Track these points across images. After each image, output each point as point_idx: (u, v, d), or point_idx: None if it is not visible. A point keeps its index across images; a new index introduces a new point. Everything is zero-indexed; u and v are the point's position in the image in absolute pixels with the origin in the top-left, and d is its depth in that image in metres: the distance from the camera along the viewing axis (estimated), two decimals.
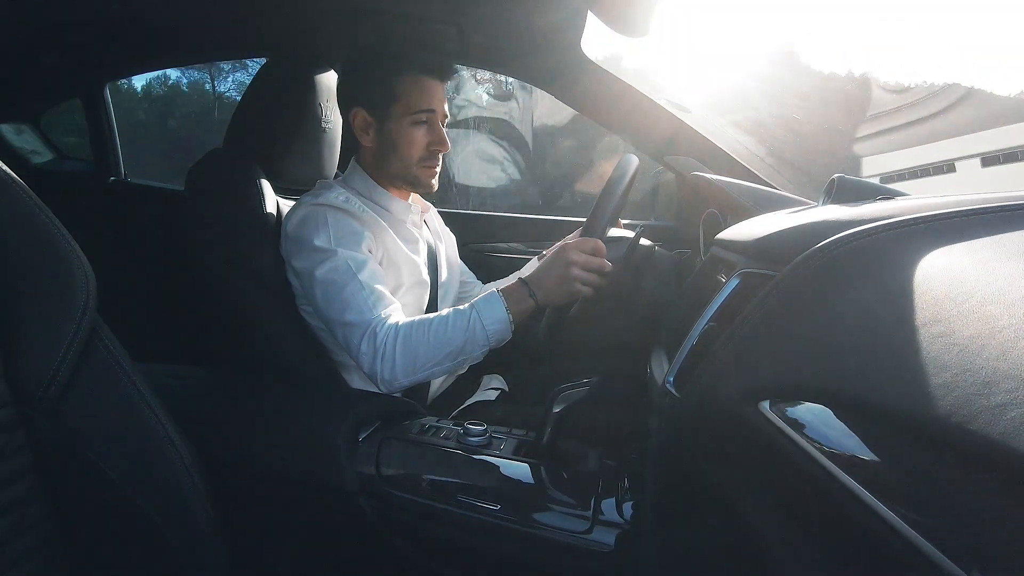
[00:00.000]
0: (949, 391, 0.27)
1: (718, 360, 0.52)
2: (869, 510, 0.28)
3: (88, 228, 0.81)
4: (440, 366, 0.87)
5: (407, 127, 0.99)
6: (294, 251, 0.94)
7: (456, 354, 0.87)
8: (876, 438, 0.31)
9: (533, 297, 0.88)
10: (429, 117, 0.99)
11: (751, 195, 1.20)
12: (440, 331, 0.86)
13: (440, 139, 1.00)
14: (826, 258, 0.47)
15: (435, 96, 0.99)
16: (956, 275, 0.37)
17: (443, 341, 0.86)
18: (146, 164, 2.02)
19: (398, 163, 1.01)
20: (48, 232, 0.53)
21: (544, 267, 0.89)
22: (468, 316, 0.87)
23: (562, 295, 0.88)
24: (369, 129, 1.01)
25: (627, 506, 0.71)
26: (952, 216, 0.46)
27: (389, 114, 0.98)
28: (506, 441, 0.80)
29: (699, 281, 0.87)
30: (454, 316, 0.87)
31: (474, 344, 0.87)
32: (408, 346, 0.85)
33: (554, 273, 0.88)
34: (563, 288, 0.87)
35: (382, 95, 0.98)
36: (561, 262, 0.87)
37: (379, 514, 0.76)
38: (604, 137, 2.11)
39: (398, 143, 0.99)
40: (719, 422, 0.51)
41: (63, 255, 0.54)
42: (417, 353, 0.86)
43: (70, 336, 0.53)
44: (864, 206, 0.63)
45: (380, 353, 0.85)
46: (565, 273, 0.86)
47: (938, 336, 0.32)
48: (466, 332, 0.86)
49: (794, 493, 0.39)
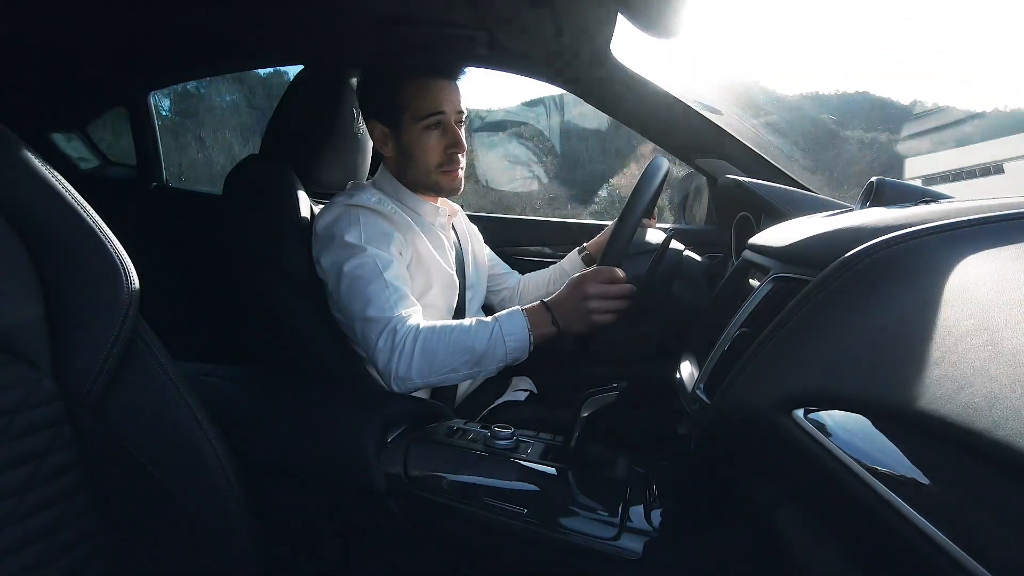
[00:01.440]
0: (995, 402, 0.26)
1: (750, 367, 0.51)
2: (910, 525, 0.27)
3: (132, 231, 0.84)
4: (456, 373, 0.88)
5: (419, 133, 0.98)
6: (324, 248, 0.96)
7: (473, 363, 0.87)
8: (918, 450, 0.30)
9: (556, 324, 0.88)
10: (440, 120, 0.98)
11: (785, 198, 1.17)
12: (461, 338, 0.87)
13: (455, 141, 1.00)
14: (865, 262, 0.45)
15: (443, 97, 0.98)
16: (1004, 281, 0.35)
17: (462, 348, 0.86)
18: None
19: (417, 171, 1.02)
20: (96, 236, 0.56)
21: (564, 295, 0.90)
22: (491, 328, 0.87)
23: (581, 326, 0.88)
24: (387, 140, 1.02)
25: (655, 513, 0.70)
26: (1000, 219, 0.44)
27: (401, 123, 0.99)
28: (533, 445, 0.80)
29: (731, 286, 0.86)
30: (477, 326, 0.88)
31: (492, 357, 0.87)
32: (427, 348, 0.86)
33: (572, 304, 0.88)
34: (581, 320, 0.88)
35: (391, 105, 0.98)
36: (578, 295, 0.88)
37: (406, 515, 0.77)
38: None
39: (414, 151, 1.00)
40: (751, 430, 0.49)
41: (109, 258, 0.56)
42: (435, 356, 0.86)
43: (114, 335, 0.55)
44: (905, 209, 0.61)
45: (398, 351, 0.86)
46: (583, 306, 0.87)
47: (984, 345, 0.30)
48: (487, 343, 0.87)
49: (829, 505, 0.38)
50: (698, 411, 0.62)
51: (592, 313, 0.87)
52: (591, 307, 0.87)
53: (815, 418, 0.39)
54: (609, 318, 0.88)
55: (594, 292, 0.87)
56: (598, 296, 0.87)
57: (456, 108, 1.00)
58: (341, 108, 1.10)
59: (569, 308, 0.88)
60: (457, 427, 0.85)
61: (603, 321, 0.88)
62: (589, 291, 0.87)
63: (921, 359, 0.33)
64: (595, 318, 0.87)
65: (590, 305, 0.87)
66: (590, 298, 0.87)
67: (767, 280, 0.64)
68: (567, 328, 0.89)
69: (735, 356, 0.56)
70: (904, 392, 0.32)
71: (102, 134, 2.07)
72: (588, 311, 0.87)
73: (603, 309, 0.87)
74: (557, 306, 0.89)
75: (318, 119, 1.08)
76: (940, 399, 0.29)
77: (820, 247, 0.58)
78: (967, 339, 0.32)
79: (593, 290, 0.87)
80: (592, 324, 0.88)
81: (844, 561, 0.36)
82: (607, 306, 0.87)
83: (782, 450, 0.41)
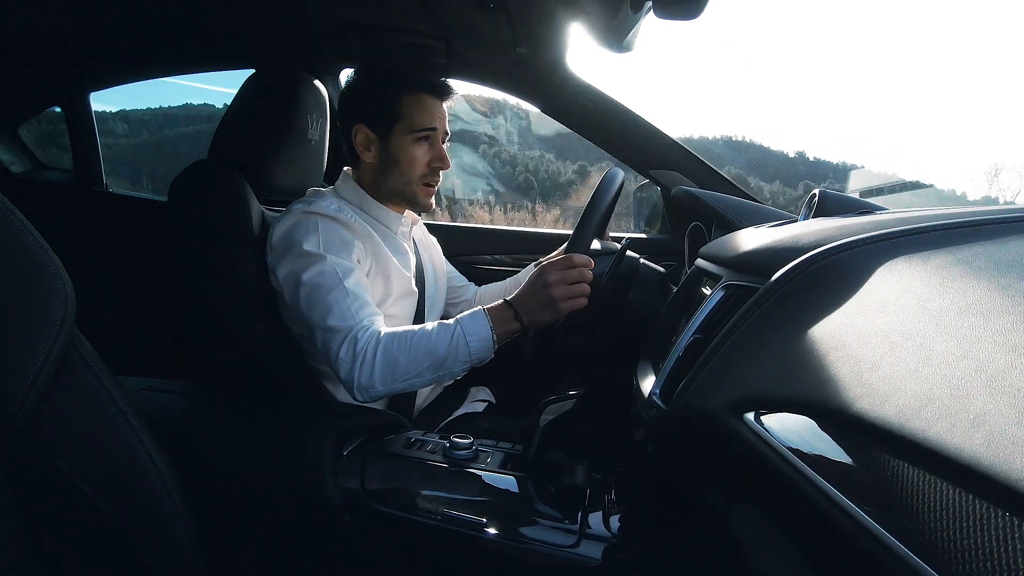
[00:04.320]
0: (927, 404, 0.28)
1: (703, 372, 0.52)
2: (852, 520, 0.29)
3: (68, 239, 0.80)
4: (420, 378, 0.87)
5: (409, 145, 1.01)
6: (281, 256, 0.93)
7: (436, 367, 0.86)
8: (858, 449, 0.31)
9: (518, 319, 0.88)
10: (431, 135, 1.01)
11: (735, 208, 1.21)
12: (423, 343, 0.86)
13: (441, 156, 1.03)
14: (806, 271, 0.48)
15: (436, 115, 1.01)
16: (932, 288, 0.37)
17: (424, 352, 0.85)
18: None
19: (399, 179, 1.03)
20: (25, 242, 0.52)
21: (526, 289, 0.90)
22: (452, 331, 0.86)
23: (546, 316, 0.88)
24: (371, 145, 1.02)
25: (614, 519, 0.71)
26: (929, 229, 0.47)
27: (392, 132, 1.00)
28: (492, 454, 0.80)
29: (684, 293, 0.88)
30: (438, 329, 0.87)
31: (455, 360, 0.86)
32: (388, 354, 0.85)
33: (536, 295, 0.88)
34: (546, 309, 0.87)
35: (386, 113, 1.00)
36: (540, 283, 0.88)
37: (364, 529, 0.75)
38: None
39: (400, 160, 1.01)
40: (705, 434, 0.51)
41: (40, 266, 0.53)
42: (397, 362, 0.85)
43: (47, 349, 0.52)
44: (844, 220, 0.64)
45: (360, 359, 0.84)
46: (546, 294, 0.87)
47: (917, 349, 0.32)
48: (448, 346, 0.86)
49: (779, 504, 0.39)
50: (654, 416, 0.63)
51: (556, 301, 0.87)
52: (555, 294, 0.86)
53: (764, 420, 0.40)
54: (575, 303, 0.87)
55: (556, 279, 0.87)
56: (560, 282, 0.87)
57: (444, 128, 1.03)
58: (295, 113, 1.07)
59: (532, 299, 0.88)
60: (415, 438, 0.83)
61: (569, 307, 0.87)
62: (551, 279, 0.87)
63: (859, 363, 0.35)
64: (560, 305, 0.87)
65: (553, 292, 0.86)
66: (552, 285, 0.87)
67: (718, 288, 0.66)
68: (531, 321, 0.88)
69: (689, 362, 0.58)
70: (845, 395, 0.33)
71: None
72: (552, 298, 0.86)
73: (567, 295, 0.87)
74: (520, 301, 0.89)
75: (270, 124, 1.06)
76: (877, 401, 0.31)
77: (767, 256, 0.60)
78: (901, 344, 0.34)
79: (555, 277, 0.87)
80: (558, 311, 0.87)
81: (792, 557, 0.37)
82: (571, 291, 0.87)
83: (734, 452, 0.43)
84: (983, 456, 0.23)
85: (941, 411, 0.27)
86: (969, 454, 0.24)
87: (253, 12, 1.21)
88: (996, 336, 0.29)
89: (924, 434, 0.26)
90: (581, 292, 0.88)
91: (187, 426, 0.85)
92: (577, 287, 0.88)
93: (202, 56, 1.56)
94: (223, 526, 0.73)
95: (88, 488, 0.54)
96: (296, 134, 1.08)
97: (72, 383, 0.54)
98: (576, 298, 0.88)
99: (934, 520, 0.24)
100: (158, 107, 4.11)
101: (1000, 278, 0.35)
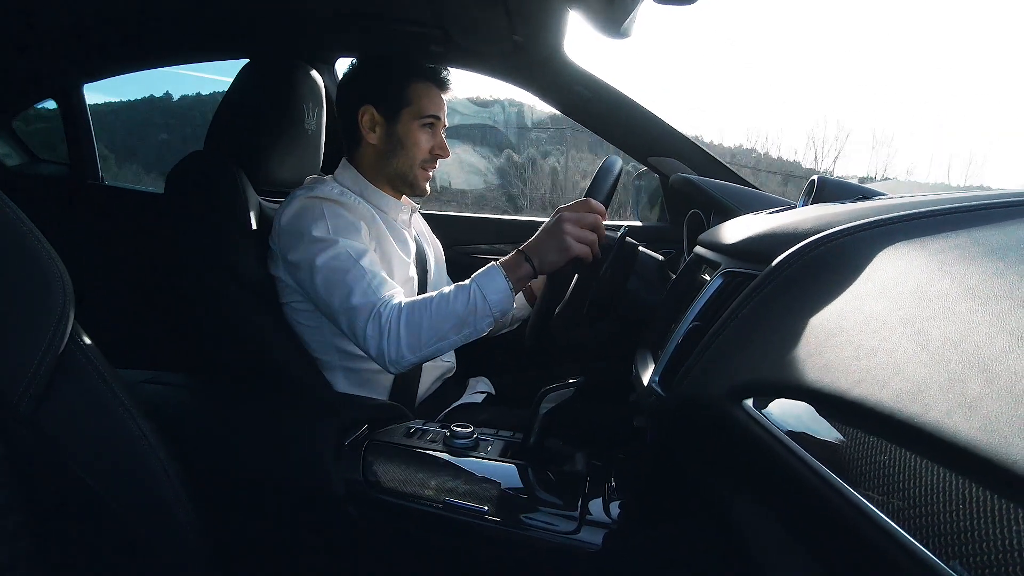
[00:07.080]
0: (924, 389, 0.28)
1: (702, 359, 0.52)
2: (850, 504, 0.29)
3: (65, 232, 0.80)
4: (445, 340, 0.87)
5: (416, 130, 1.05)
6: (290, 243, 0.94)
7: (459, 327, 0.87)
8: (857, 434, 0.31)
9: (530, 262, 0.87)
10: (434, 123, 1.07)
11: (733, 195, 1.21)
12: (442, 306, 0.86)
13: (442, 145, 1.08)
14: (805, 258, 0.47)
15: (441, 105, 1.07)
16: (930, 273, 0.37)
17: (445, 315, 0.86)
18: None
19: (402, 161, 1.06)
20: (21, 235, 0.52)
21: (541, 233, 0.89)
22: (469, 289, 0.87)
23: (558, 258, 0.87)
24: (377, 127, 1.05)
25: (614, 506, 0.71)
26: (927, 215, 0.47)
27: (399, 116, 1.05)
28: (493, 443, 0.80)
29: (683, 281, 0.88)
30: (455, 291, 0.88)
31: (477, 317, 0.86)
32: (411, 322, 0.86)
33: (549, 236, 0.87)
34: (559, 250, 0.86)
35: (395, 97, 1.04)
36: (554, 222, 0.87)
37: (366, 519, 0.76)
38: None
39: (405, 143, 1.05)
40: (704, 421, 0.51)
41: (38, 259, 0.52)
42: (421, 328, 0.86)
43: (46, 343, 0.52)
44: (843, 206, 0.64)
45: (385, 333, 0.86)
46: (559, 231, 0.86)
47: (914, 334, 0.32)
48: (467, 305, 0.86)
49: (778, 490, 0.40)
50: (654, 403, 0.64)
51: (568, 241, 0.85)
52: (568, 234, 0.85)
53: (763, 407, 0.40)
54: (584, 249, 0.86)
55: (571, 219, 0.86)
56: (576, 222, 0.86)
57: (444, 119, 1.09)
58: (291, 103, 1.07)
59: (546, 241, 0.87)
60: (415, 428, 0.84)
61: (580, 252, 0.86)
62: (566, 216, 0.87)
63: (858, 348, 0.35)
64: (573, 247, 0.85)
65: (567, 232, 0.85)
66: (566, 222, 0.86)
67: (717, 275, 0.66)
68: (542, 263, 0.87)
69: (688, 349, 0.58)
70: (843, 380, 0.33)
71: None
72: (564, 239, 0.85)
73: (579, 237, 0.86)
74: (532, 246, 0.88)
75: (266, 114, 1.05)
76: (876, 386, 0.31)
77: (766, 243, 0.60)
78: (899, 329, 0.34)
79: (570, 217, 0.86)
80: (568, 252, 0.86)
81: (791, 542, 0.37)
82: (584, 235, 0.86)
83: (734, 439, 0.43)
84: (980, 440, 0.23)
85: (939, 395, 0.27)
86: (966, 438, 0.24)
87: (247, 1, 1.19)
88: (994, 320, 0.29)
89: (922, 418, 0.27)
90: (592, 239, 0.87)
91: (187, 418, 0.85)
92: (589, 233, 0.87)
93: (196, 46, 1.54)
94: (226, 517, 0.74)
95: (92, 481, 0.55)
96: (292, 124, 1.07)
97: (73, 377, 0.55)
98: (587, 241, 0.87)
99: (932, 504, 0.25)
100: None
101: (998, 262, 0.35)
